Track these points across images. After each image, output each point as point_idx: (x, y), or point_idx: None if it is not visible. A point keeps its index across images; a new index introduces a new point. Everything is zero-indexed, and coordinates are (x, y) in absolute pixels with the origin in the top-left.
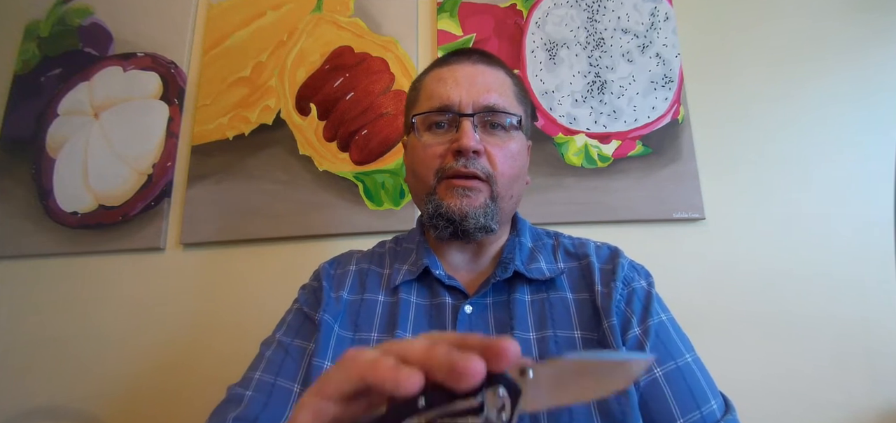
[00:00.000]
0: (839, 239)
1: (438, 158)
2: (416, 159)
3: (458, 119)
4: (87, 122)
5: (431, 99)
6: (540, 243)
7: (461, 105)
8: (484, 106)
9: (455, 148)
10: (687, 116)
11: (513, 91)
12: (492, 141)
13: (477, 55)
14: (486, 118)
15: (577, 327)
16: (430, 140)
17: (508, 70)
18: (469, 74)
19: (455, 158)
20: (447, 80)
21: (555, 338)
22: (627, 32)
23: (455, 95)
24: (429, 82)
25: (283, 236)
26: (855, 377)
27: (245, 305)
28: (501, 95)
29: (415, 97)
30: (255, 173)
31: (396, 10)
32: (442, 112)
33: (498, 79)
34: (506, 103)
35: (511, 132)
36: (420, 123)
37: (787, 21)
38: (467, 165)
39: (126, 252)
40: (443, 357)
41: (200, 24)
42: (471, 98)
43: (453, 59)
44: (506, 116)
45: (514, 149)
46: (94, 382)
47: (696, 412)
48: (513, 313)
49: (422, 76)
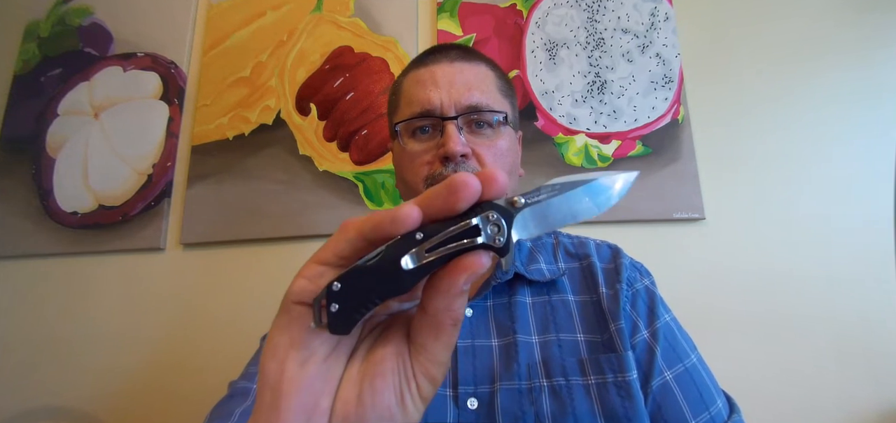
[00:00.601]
0: (839, 239)
1: (427, 166)
2: (404, 168)
3: (441, 123)
4: (87, 122)
5: (412, 104)
6: (539, 242)
7: (443, 108)
8: (467, 106)
9: (442, 154)
10: (687, 116)
11: (495, 85)
12: (479, 141)
13: (455, 51)
14: (472, 117)
15: (581, 330)
16: (415, 147)
17: (489, 62)
18: (447, 73)
19: (443, 165)
20: (426, 82)
21: (558, 342)
22: (627, 32)
23: (436, 97)
24: (407, 86)
25: (283, 236)
26: (855, 377)
27: (245, 305)
28: (484, 93)
29: (396, 102)
30: (255, 173)
31: (396, 10)
32: (424, 117)
33: (478, 75)
34: (489, 100)
35: (498, 129)
36: (403, 130)
37: (787, 21)
38: (457, 170)
39: (126, 252)
40: (438, 187)
41: (200, 24)
42: (452, 99)
43: (430, 59)
44: (491, 113)
45: (503, 146)
46: (93, 382)
47: (706, 413)
48: (514, 315)
49: (400, 79)
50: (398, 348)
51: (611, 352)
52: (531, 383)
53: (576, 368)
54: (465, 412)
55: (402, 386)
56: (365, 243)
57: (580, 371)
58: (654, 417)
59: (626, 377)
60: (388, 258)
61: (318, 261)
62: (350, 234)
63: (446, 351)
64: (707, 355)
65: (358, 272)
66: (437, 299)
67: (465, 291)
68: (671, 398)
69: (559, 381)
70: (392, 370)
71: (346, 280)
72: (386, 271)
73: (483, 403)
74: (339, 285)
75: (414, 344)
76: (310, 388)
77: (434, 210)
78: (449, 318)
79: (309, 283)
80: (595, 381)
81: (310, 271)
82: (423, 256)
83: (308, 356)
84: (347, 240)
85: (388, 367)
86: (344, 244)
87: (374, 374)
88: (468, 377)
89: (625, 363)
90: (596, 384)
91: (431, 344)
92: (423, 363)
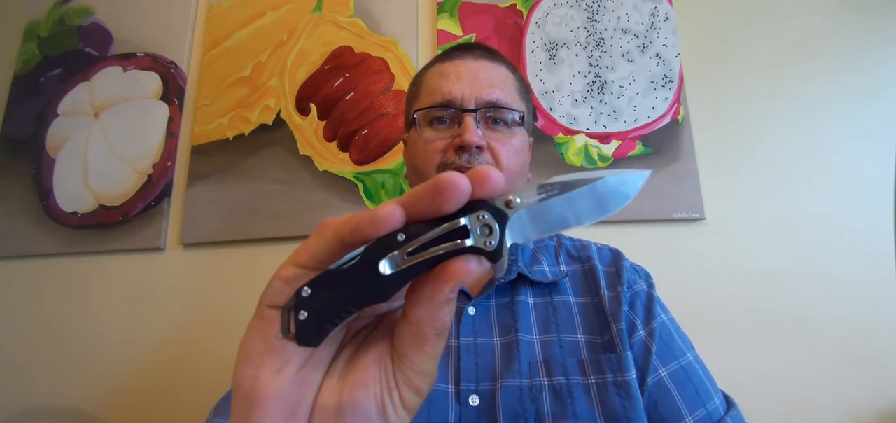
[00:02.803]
0: (839, 239)
1: (440, 154)
2: (418, 154)
3: (460, 114)
4: (87, 122)
5: (433, 94)
6: (541, 244)
7: (463, 100)
8: (486, 102)
9: (458, 143)
10: (687, 116)
11: (515, 87)
12: (494, 137)
13: (480, 50)
14: (489, 114)
15: (582, 331)
16: (431, 135)
17: (511, 65)
18: (471, 69)
19: (457, 154)
20: (449, 75)
21: (559, 342)
22: (627, 32)
23: (457, 90)
24: (430, 77)
25: (283, 236)
26: (855, 377)
27: (245, 305)
28: (504, 91)
29: (416, 92)
30: (255, 173)
31: (396, 10)
32: (444, 107)
33: (500, 74)
34: (508, 99)
35: (513, 128)
36: (422, 118)
37: (787, 21)
38: (470, 161)
39: (126, 252)
40: (424, 185)
41: (200, 24)
42: (473, 93)
43: (455, 54)
44: (508, 111)
45: (516, 145)
46: (94, 382)
47: (702, 409)
48: (516, 314)
49: (423, 71)
50: (381, 356)
51: (611, 353)
52: (532, 381)
53: (576, 367)
54: (467, 409)
55: (384, 397)
56: (342, 245)
57: (580, 371)
58: (650, 414)
59: (626, 377)
60: (364, 262)
61: (294, 263)
62: (327, 235)
63: (431, 362)
64: (707, 355)
65: (330, 277)
66: (420, 308)
67: (451, 299)
68: (667, 395)
69: (559, 380)
70: (374, 380)
71: (317, 286)
72: (361, 276)
73: (485, 400)
74: (309, 291)
75: (396, 353)
76: (285, 397)
77: (419, 210)
78: (432, 328)
79: (284, 285)
80: (595, 381)
81: (285, 272)
82: (403, 259)
83: (283, 362)
84: (324, 241)
85: (369, 376)
86: (322, 248)
87: (355, 383)
88: (470, 374)
89: (624, 362)
90: (596, 384)
91: (414, 355)
92: (407, 373)
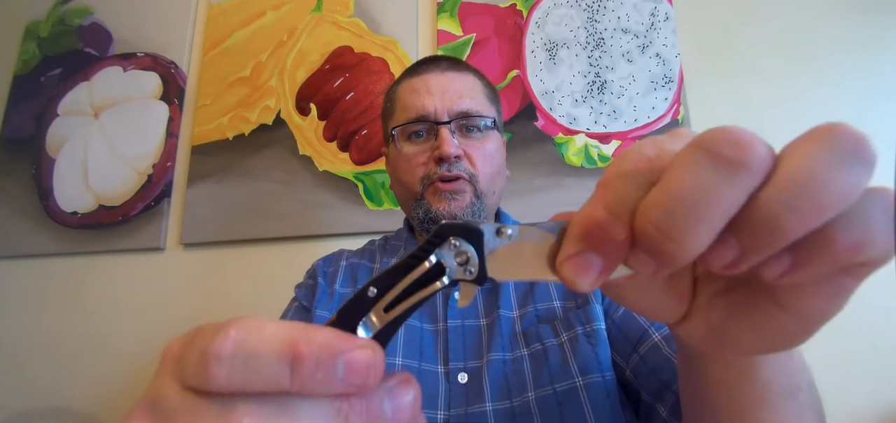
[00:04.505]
0: None
1: (422, 167)
2: (401, 169)
3: (435, 127)
4: (87, 122)
5: (407, 110)
6: None
7: (437, 113)
8: (458, 112)
9: (437, 155)
10: (687, 116)
11: (483, 93)
12: (470, 144)
13: (445, 62)
14: (462, 122)
15: (556, 298)
16: (411, 150)
17: (476, 73)
18: (440, 82)
19: (438, 165)
20: (419, 90)
21: (535, 312)
22: (627, 32)
23: (429, 104)
24: (402, 93)
25: (283, 236)
26: (856, 377)
27: (245, 305)
28: (473, 100)
29: (390, 109)
30: (255, 173)
31: (396, 10)
32: (419, 122)
33: (468, 84)
34: (478, 106)
35: (486, 133)
36: (399, 134)
37: (787, 21)
38: (451, 169)
39: (126, 252)
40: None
41: (200, 25)
42: (445, 106)
43: (423, 69)
44: (480, 118)
45: (491, 148)
46: (94, 382)
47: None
48: (499, 295)
49: (393, 87)
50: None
51: (581, 309)
52: (514, 354)
53: (549, 332)
54: (456, 386)
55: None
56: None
57: (553, 333)
58: (614, 339)
59: (594, 326)
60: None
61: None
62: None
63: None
64: None
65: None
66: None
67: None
68: (630, 318)
69: (536, 347)
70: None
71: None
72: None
73: (473, 377)
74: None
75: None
76: None
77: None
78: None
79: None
80: (567, 337)
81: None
82: (381, 317)
83: None
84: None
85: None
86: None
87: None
88: (459, 354)
89: (591, 313)
90: (568, 340)
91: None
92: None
